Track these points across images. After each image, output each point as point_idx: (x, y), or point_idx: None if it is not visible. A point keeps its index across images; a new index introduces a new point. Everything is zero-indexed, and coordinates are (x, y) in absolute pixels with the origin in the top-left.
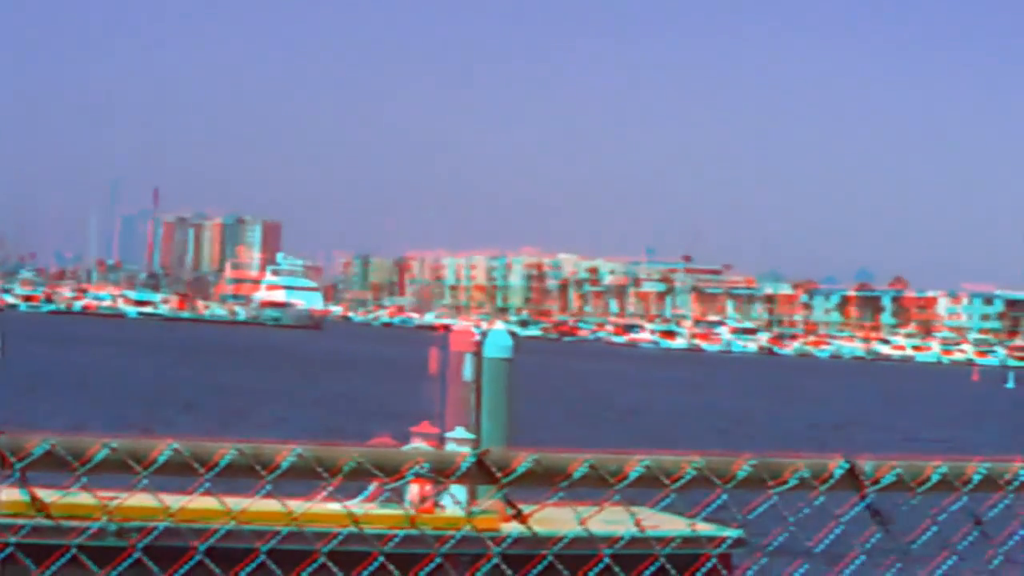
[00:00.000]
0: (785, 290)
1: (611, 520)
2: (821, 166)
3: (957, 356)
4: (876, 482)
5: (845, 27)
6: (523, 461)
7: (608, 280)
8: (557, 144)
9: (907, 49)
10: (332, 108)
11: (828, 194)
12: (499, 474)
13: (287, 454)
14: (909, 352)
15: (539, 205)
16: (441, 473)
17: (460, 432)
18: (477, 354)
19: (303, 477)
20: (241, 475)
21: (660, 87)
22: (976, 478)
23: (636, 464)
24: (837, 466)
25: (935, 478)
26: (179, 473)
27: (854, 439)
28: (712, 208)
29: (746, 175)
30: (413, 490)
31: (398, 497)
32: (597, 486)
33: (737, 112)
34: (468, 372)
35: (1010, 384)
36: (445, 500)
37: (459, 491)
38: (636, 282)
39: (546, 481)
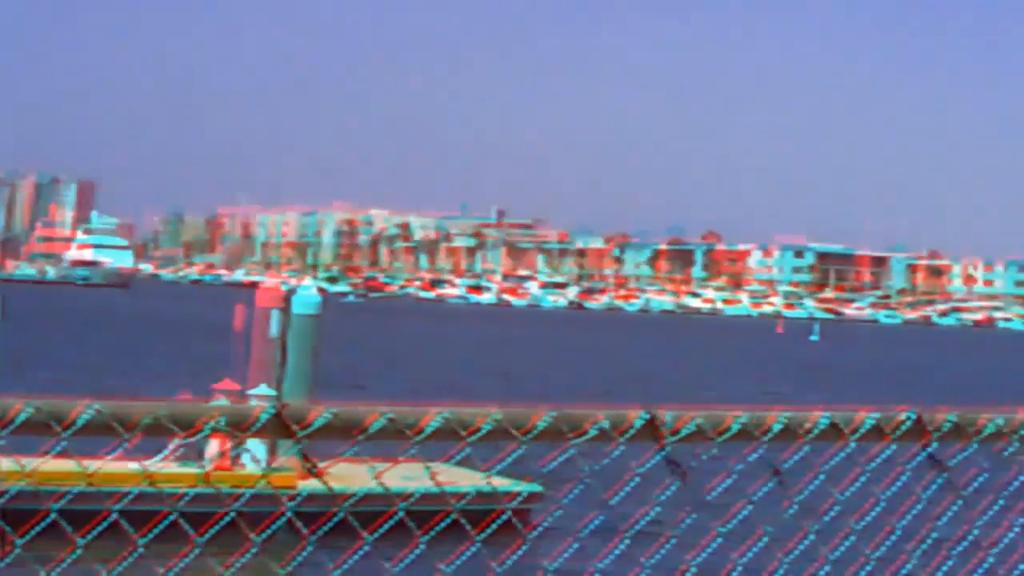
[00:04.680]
0: (597, 244)
1: (410, 476)
2: (634, 119)
3: (766, 308)
4: (675, 432)
5: None
6: (320, 415)
7: (419, 235)
8: (369, 97)
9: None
10: (146, 63)
11: (642, 147)
12: (296, 428)
13: (83, 410)
14: (718, 305)
15: (352, 159)
16: (238, 428)
17: (263, 389)
18: (284, 311)
19: (100, 433)
20: (36, 432)
21: (472, 38)
22: (776, 428)
23: (434, 416)
24: (637, 417)
25: (735, 428)
26: None
27: (652, 393)
28: (526, 163)
29: (556, 128)
30: (212, 447)
31: (197, 455)
32: (396, 439)
33: (549, 65)
34: (274, 328)
35: (814, 337)
36: (246, 458)
37: (259, 448)
38: (447, 237)
39: (344, 435)
